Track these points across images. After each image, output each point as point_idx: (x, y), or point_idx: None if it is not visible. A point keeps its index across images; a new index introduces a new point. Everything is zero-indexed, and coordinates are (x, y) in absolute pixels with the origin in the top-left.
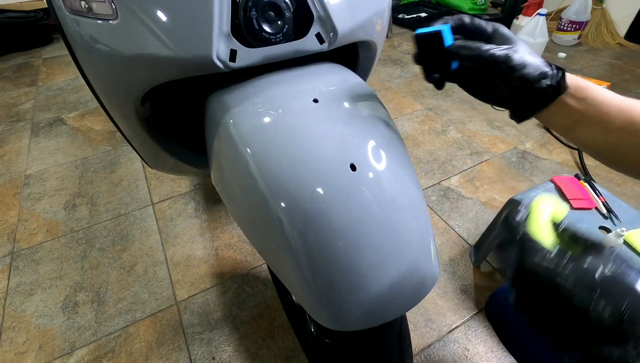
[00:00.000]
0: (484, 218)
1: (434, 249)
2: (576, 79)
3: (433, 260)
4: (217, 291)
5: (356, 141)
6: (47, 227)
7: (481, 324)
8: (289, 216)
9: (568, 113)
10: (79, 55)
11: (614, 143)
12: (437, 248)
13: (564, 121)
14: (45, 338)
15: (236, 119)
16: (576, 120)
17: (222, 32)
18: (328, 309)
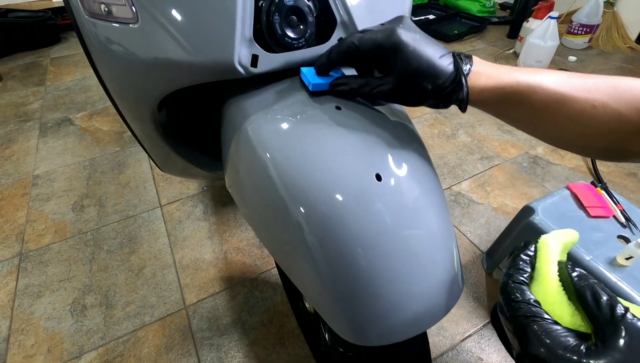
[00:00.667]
0: (495, 224)
1: (458, 264)
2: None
3: (458, 275)
4: (226, 295)
5: (382, 151)
6: (56, 228)
7: (495, 333)
8: (308, 221)
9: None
10: (95, 58)
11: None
12: (461, 264)
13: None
14: (54, 341)
15: (256, 126)
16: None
17: (244, 37)
18: (349, 321)
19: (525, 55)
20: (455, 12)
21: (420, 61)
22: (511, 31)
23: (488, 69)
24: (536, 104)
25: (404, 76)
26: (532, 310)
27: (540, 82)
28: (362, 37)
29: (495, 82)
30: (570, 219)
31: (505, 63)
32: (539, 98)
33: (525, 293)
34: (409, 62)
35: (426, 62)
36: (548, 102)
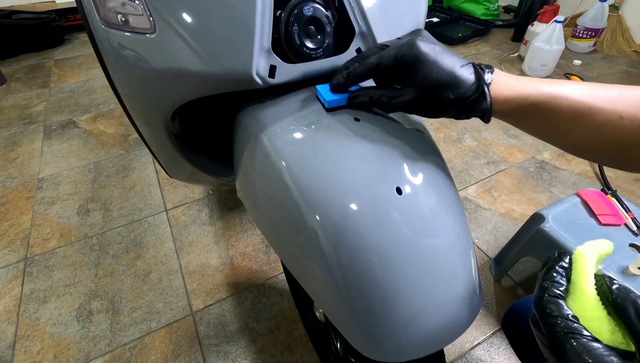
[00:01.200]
0: (503, 229)
1: (477, 277)
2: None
3: (476, 288)
4: (233, 301)
5: (402, 164)
6: (61, 232)
7: (504, 341)
8: (323, 228)
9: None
10: (110, 66)
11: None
12: (479, 279)
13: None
14: (60, 347)
15: (273, 136)
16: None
17: (262, 48)
18: (364, 334)
19: (531, 59)
20: (459, 15)
21: (441, 71)
22: (515, 34)
23: (509, 79)
24: (560, 114)
25: (425, 86)
26: (571, 326)
27: (564, 93)
28: (381, 55)
29: (518, 93)
30: (581, 227)
31: (510, 67)
32: (563, 109)
33: (563, 308)
34: (429, 73)
35: (447, 72)
36: (572, 113)
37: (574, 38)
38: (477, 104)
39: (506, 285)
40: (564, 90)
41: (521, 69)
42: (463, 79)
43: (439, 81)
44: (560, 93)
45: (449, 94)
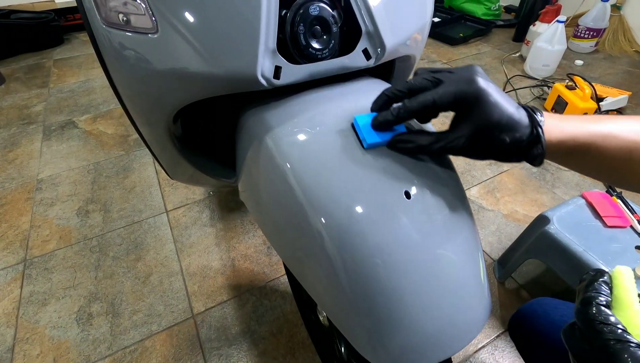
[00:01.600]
0: (506, 231)
1: (486, 283)
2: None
3: (486, 295)
4: (234, 304)
5: (411, 167)
6: (60, 234)
7: (508, 344)
8: (327, 229)
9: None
10: (111, 67)
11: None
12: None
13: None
14: (60, 351)
15: (277, 138)
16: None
17: (267, 48)
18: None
19: (533, 59)
20: (460, 15)
21: (501, 113)
22: (517, 34)
23: (557, 121)
24: (610, 153)
25: (484, 128)
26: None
27: (613, 131)
28: (439, 92)
29: (568, 134)
30: (587, 229)
31: (512, 67)
32: (613, 147)
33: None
34: (490, 113)
35: (506, 113)
36: (622, 150)
37: (576, 38)
38: (532, 148)
39: (510, 288)
40: (612, 128)
41: (523, 69)
42: (519, 121)
43: (499, 123)
44: (609, 131)
45: (505, 137)
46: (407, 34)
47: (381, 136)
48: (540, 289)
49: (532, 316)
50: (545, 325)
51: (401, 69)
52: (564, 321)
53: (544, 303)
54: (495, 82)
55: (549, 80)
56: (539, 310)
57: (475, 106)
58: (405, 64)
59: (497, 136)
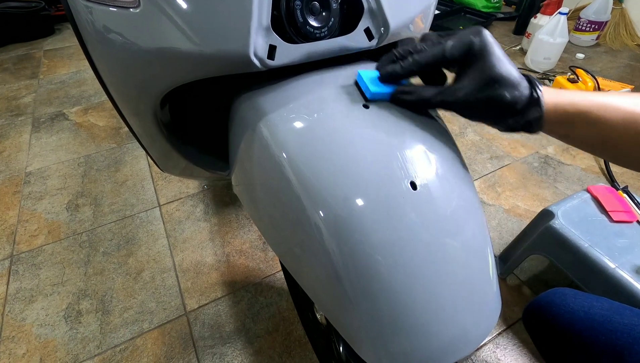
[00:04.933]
0: (507, 226)
1: (496, 281)
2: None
3: (496, 294)
4: (229, 301)
5: (416, 156)
6: (49, 229)
7: (510, 341)
8: (325, 223)
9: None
10: (91, 48)
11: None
12: (498, 282)
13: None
14: (47, 350)
15: (272, 125)
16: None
17: (261, 26)
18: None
19: (534, 52)
20: (460, 7)
21: (504, 67)
22: (517, 27)
23: (554, 90)
24: (611, 123)
25: (487, 80)
26: None
27: (614, 102)
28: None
29: (567, 100)
30: (593, 224)
31: (512, 60)
32: (614, 117)
33: None
34: (495, 65)
35: (509, 69)
36: (623, 121)
37: (577, 31)
38: (530, 109)
39: (512, 284)
40: (614, 99)
41: (523, 63)
42: (520, 81)
43: (501, 77)
44: (610, 102)
45: (505, 92)
46: (412, 14)
47: (385, 88)
48: (542, 285)
49: (549, 306)
50: (564, 315)
51: None
52: (584, 311)
53: (562, 293)
54: None
55: (550, 73)
56: (557, 299)
57: (481, 57)
58: None
59: (498, 91)
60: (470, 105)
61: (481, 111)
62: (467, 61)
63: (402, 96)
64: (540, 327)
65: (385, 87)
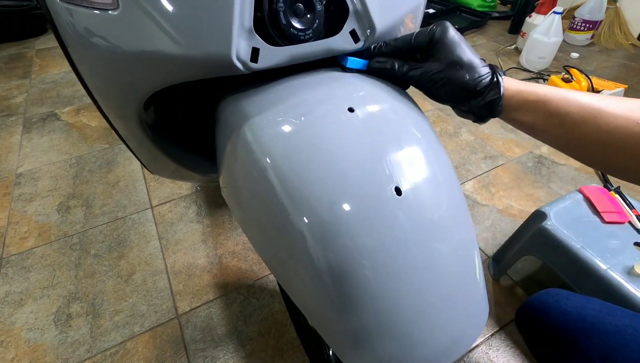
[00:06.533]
0: (501, 226)
1: (483, 285)
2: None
3: (484, 298)
4: (221, 303)
5: (403, 162)
6: (39, 231)
7: (503, 343)
8: (310, 229)
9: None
10: (72, 50)
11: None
12: (485, 285)
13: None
14: (36, 354)
15: (257, 129)
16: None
17: (243, 28)
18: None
19: (528, 51)
20: (456, 6)
21: (463, 52)
22: (512, 27)
23: (519, 81)
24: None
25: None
26: None
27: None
28: (416, 33)
29: (528, 87)
30: (585, 225)
31: (507, 59)
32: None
33: None
34: (454, 50)
35: (468, 55)
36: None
37: (572, 30)
38: (490, 92)
39: (505, 285)
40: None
41: (518, 62)
42: (479, 65)
43: (460, 59)
44: (570, 95)
45: (465, 73)
46: (399, 15)
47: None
48: (535, 286)
49: (542, 307)
50: (557, 316)
51: None
52: (576, 312)
53: (555, 294)
54: None
55: (544, 72)
56: (549, 300)
57: (444, 45)
58: None
59: (459, 72)
60: (434, 82)
61: (445, 91)
62: (432, 48)
63: (376, 64)
64: (533, 328)
65: (362, 61)
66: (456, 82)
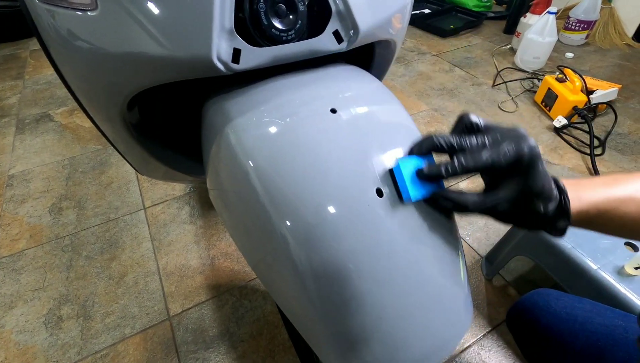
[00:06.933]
0: (494, 226)
1: (467, 287)
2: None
3: (468, 300)
4: (213, 305)
5: (383, 162)
6: (31, 233)
7: (495, 343)
8: (293, 233)
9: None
10: (53, 52)
11: None
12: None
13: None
14: (26, 357)
15: (239, 130)
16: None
17: (223, 28)
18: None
19: (523, 51)
20: (451, 6)
21: (545, 181)
22: (507, 26)
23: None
24: (631, 216)
25: (529, 194)
26: None
27: (632, 194)
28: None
29: (588, 203)
30: None
31: (502, 59)
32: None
33: None
34: (539, 179)
35: (547, 182)
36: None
37: (566, 30)
38: (558, 221)
39: (497, 285)
40: (630, 190)
41: (513, 62)
42: (553, 192)
43: (542, 191)
44: (628, 195)
45: (540, 205)
46: (383, 16)
47: (423, 189)
48: (528, 286)
49: (533, 308)
50: (546, 316)
51: (381, 56)
52: (566, 312)
53: (545, 294)
54: (486, 74)
55: (539, 72)
56: (540, 301)
57: (529, 171)
58: (385, 51)
59: (535, 204)
60: (507, 215)
61: (514, 220)
62: (514, 171)
63: (443, 202)
64: (523, 328)
65: (423, 189)
66: (529, 215)
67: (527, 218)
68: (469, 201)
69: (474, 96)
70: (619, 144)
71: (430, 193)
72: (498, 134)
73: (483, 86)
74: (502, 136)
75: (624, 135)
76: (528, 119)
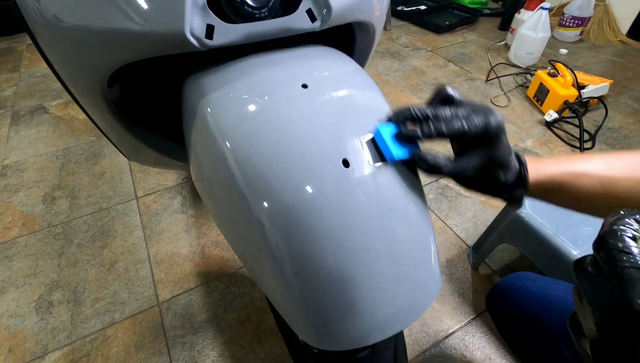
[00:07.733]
0: (482, 217)
1: (436, 257)
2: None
3: (435, 271)
4: (202, 291)
5: (350, 134)
6: (24, 221)
7: (479, 329)
8: (272, 217)
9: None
10: (40, 39)
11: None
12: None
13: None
14: (16, 340)
15: (213, 107)
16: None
17: (196, 4)
18: (315, 326)
19: (517, 47)
20: (447, 2)
21: (507, 151)
22: (502, 23)
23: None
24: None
25: (493, 162)
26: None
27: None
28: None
29: (543, 175)
30: (559, 212)
31: (497, 55)
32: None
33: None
34: (502, 150)
35: (509, 153)
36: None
37: (561, 27)
38: (516, 189)
39: (484, 273)
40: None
41: (507, 58)
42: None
43: (503, 160)
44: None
45: (500, 173)
46: None
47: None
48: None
49: (510, 291)
50: (523, 299)
51: (362, 41)
52: (542, 293)
53: (522, 277)
54: (479, 70)
55: (532, 68)
56: (517, 283)
57: (494, 142)
58: (365, 36)
59: (497, 172)
60: (471, 180)
61: (477, 186)
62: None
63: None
64: (501, 309)
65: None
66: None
67: (488, 185)
68: (442, 164)
69: (467, 91)
70: (609, 138)
71: (409, 153)
72: (470, 107)
73: (476, 81)
74: (473, 109)
75: (614, 129)
76: (520, 113)
